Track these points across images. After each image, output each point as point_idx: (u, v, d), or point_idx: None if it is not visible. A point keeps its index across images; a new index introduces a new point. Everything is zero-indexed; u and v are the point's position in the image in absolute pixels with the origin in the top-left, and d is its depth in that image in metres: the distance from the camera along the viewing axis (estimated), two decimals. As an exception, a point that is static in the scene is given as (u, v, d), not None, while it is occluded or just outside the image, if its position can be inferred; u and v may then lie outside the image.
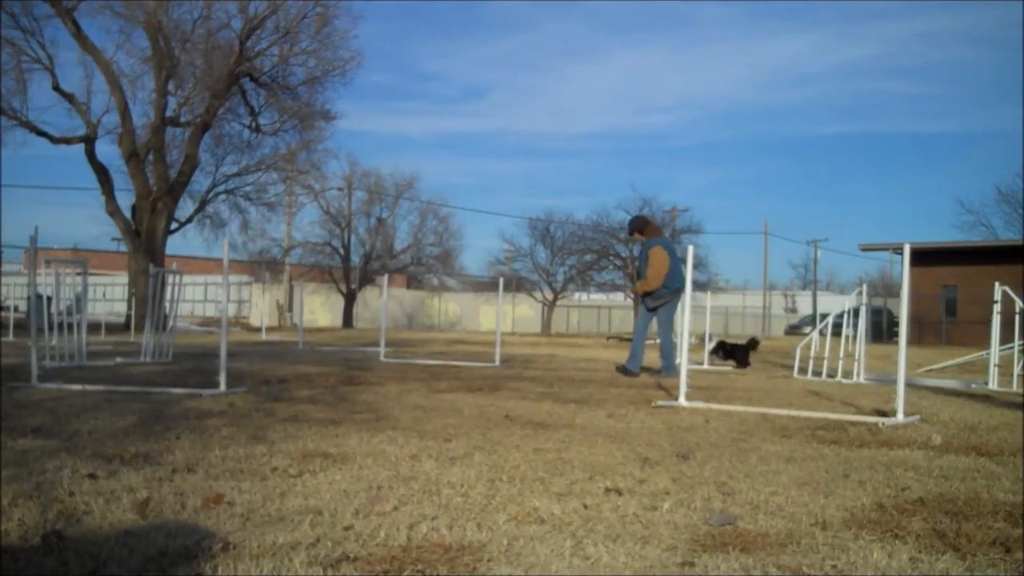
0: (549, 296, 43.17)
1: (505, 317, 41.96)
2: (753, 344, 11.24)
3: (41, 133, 22.39)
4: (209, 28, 23.34)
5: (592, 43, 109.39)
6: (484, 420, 4.61)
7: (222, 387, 5.72)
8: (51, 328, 7.89)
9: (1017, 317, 8.49)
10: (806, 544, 2.21)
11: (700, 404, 5.57)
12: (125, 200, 23.58)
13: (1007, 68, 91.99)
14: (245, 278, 40.57)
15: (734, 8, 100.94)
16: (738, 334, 42.93)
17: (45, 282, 8.68)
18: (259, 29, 23.60)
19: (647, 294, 8.51)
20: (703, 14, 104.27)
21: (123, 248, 27.03)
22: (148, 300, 9.47)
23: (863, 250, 32.67)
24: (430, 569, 1.95)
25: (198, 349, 12.16)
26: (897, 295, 32.41)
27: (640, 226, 8.97)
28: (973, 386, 8.18)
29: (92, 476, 2.84)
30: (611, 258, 42.55)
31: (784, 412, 5.26)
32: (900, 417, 4.84)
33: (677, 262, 8.46)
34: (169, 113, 23.51)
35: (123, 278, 32.30)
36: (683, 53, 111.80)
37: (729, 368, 10.63)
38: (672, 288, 8.45)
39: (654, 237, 8.75)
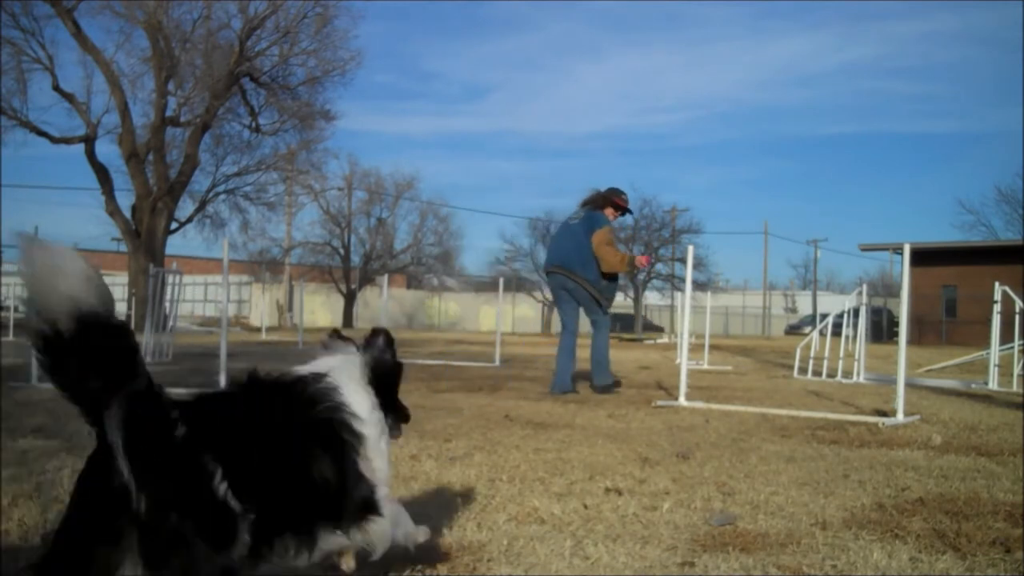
0: (549, 296, 43.19)
1: (505, 317, 41.95)
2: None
3: (41, 133, 22.39)
4: (209, 28, 23.36)
5: (594, 43, 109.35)
6: (484, 420, 4.61)
7: (222, 387, 5.72)
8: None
9: (1017, 317, 8.49)
10: (806, 544, 2.21)
11: (700, 404, 5.57)
12: (125, 200, 23.59)
13: (1008, 68, 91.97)
14: (245, 278, 40.54)
15: (736, 8, 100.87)
16: (737, 334, 42.93)
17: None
18: (259, 29, 23.61)
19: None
20: (705, 14, 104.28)
21: (123, 248, 27.00)
22: (148, 300, 9.47)
23: (863, 250, 32.70)
24: (430, 569, 1.95)
25: (198, 349, 12.16)
26: (897, 295, 32.41)
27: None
28: (973, 386, 8.18)
29: (92, 476, 2.84)
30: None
31: (784, 412, 5.26)
32: (900, 417, 4.84)
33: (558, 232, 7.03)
34: (169, 113, 23.51)
35: (123, 278, 32.31)
36: (685, 53, 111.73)
37: (730, 368, 10.63)
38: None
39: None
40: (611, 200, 6.74)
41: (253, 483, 1.33)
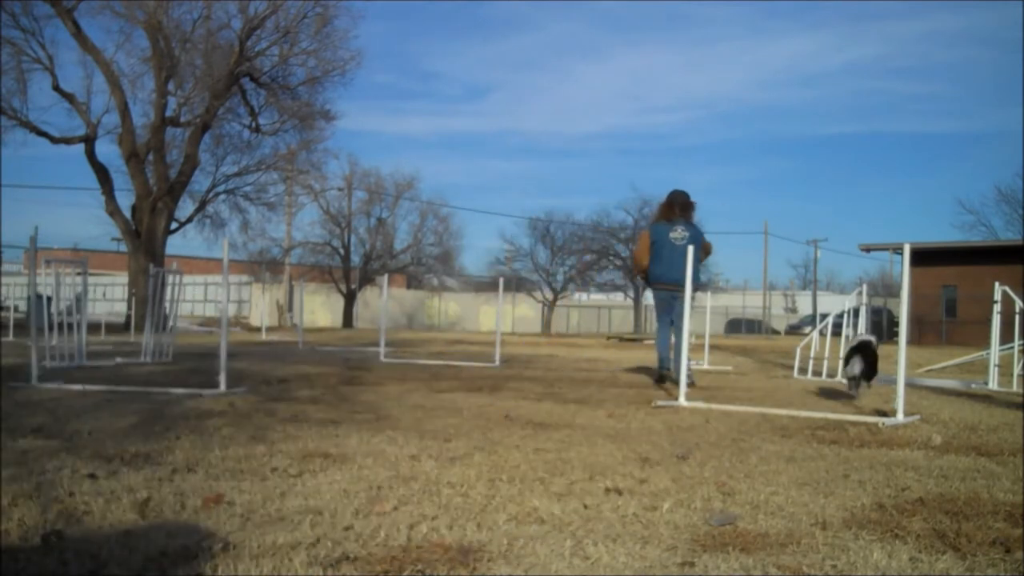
0: (549, 296, 43.20)
1: (505, 317, 41.91)
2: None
3: (41, 133, 22.37)
4: (209, 28, 23.33)
5: (595, 43, 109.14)
6: (484, 420, 4.61)
7: (222, 387, 5.72)
8: (51, 328, 7.89)
9: (1017, 317, 8.48)
10: (806, 544, 2.21)
11: (700, 404, 5.57)
12: (125, 200, 23.57)
13: (1008, 68, 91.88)
14: (245, 278, 40.55)
15: (737, 8, 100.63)
16: (737, 334, 42.89)
17: (45, 282, 8.68)
18: (259, 29, 23.58)
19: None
20: (705, 14, 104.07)
21: (123, 248, 26.99)
22: (148, 300, 9.47)
23: (863, 250, 32.65)
24: (430, 569, 1.95)
25: (198, 349, 12.16)
26: (897, 295, 32.38)
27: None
28: (973, 386, 8.18)
29: (92, 476, 2.84)
30: (611, 258, 42.63)
31: (784, 412, 5.26)
32: (900, 417, 4.84)
33: (663, 250, 7.31)
34: (169, 113, 23.49)
35: (123, 278, 32.31)
36: (686, 53, 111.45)
37: (729, 368, 10.63)
38: (653, 279, 7.47)
39: (657, 222, 7.60)
40: (690, 205, 7.47)
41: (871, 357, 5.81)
